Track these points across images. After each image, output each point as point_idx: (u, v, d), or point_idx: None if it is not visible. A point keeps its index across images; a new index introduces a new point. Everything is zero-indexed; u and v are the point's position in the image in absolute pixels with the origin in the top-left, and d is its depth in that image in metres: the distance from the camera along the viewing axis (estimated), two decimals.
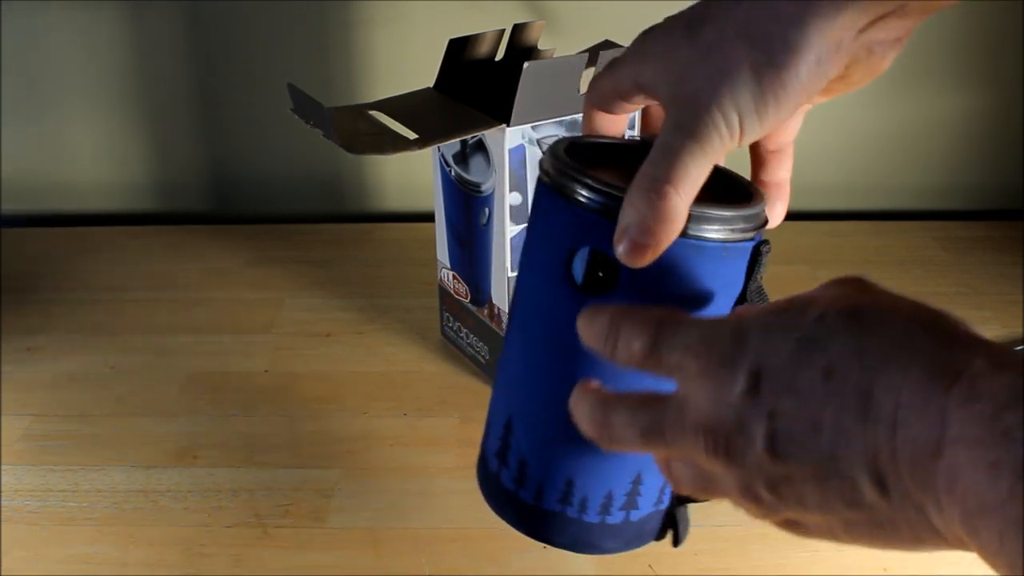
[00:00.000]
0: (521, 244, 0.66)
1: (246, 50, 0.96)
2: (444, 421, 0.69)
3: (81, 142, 1.01)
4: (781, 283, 0.97)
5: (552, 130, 0.64)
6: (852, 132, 0.98)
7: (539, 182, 0.40)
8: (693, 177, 0.34)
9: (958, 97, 0.98)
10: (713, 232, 0.36)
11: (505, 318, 0.69)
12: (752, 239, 0.38)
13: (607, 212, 0.36)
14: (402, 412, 0.70)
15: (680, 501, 0.44)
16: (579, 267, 0.39)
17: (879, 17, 0.34)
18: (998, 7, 0.94)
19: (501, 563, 0.57)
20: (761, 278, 0.39)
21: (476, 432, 0.68)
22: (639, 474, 0.41)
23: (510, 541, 0.58)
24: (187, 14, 0.95)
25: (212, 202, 1.04)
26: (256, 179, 1.03)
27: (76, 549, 0.58)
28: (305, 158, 1.01)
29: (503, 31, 0.71)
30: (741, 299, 0.39)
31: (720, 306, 0.38)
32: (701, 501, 0.42)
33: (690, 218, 0.36)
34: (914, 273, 0.88)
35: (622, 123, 0.43)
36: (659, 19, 0.38)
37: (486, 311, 0.71)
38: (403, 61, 0.96)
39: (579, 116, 0.65)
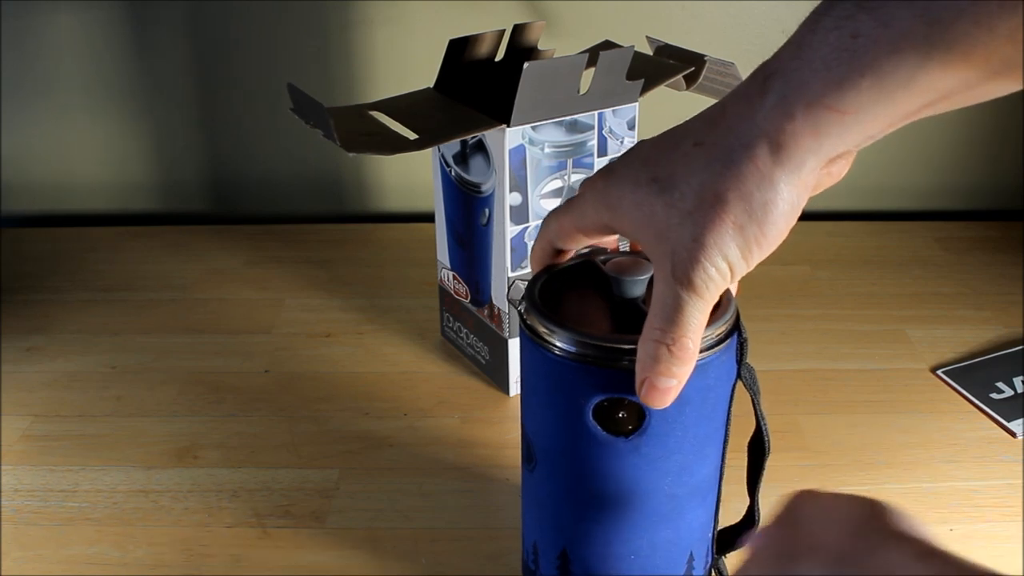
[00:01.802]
0: (521, 244, 0.66)
1: (246, 50, 0.96)
2: (444, 421, 0.69)
3: (81, 142, 1.01)
4: (782, 283, 0.97)
5: (552, 130, 0.64)
6: None
7: (536, 342, 0.43)
8: (699, 324, 0.39)
9: None
10: (714, 344, 0.42)
11: (505, 318, 0.69)
12: (738, 334, 0.43)
13: (624, 367, 0.40)
14: (402, 412, 0.70)
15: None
16: (606, 418, 0.43)
17: (839, 156, 0.38)
18: None
19: (501, 563, 0.57)
20: (746, 358, 0.44)
21: (476, 432, 0.68)
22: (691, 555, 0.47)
23: (510, 541, 0.58)
24: (187, 14, 0.95)
25: (212, 202, 1.04)
26: (256, 179, 1.03)
27: (76, 549, 0.58)
28: (305, 158, 1.01)
29: (503, 31, 0.71)
30: (735, 383, 0.45)
31: (723, 399, 0.44)
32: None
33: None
34: (914, 273, 0.88)
35: (571, 252, 0.47)
36: (658, 19, 0.39)
37: (486, 311, 0.71)
38: (403, 61, 0.96)
39: (579, 116, 0.65)
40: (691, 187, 0.37)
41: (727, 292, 0.43)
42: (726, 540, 0.50)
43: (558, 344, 0.42)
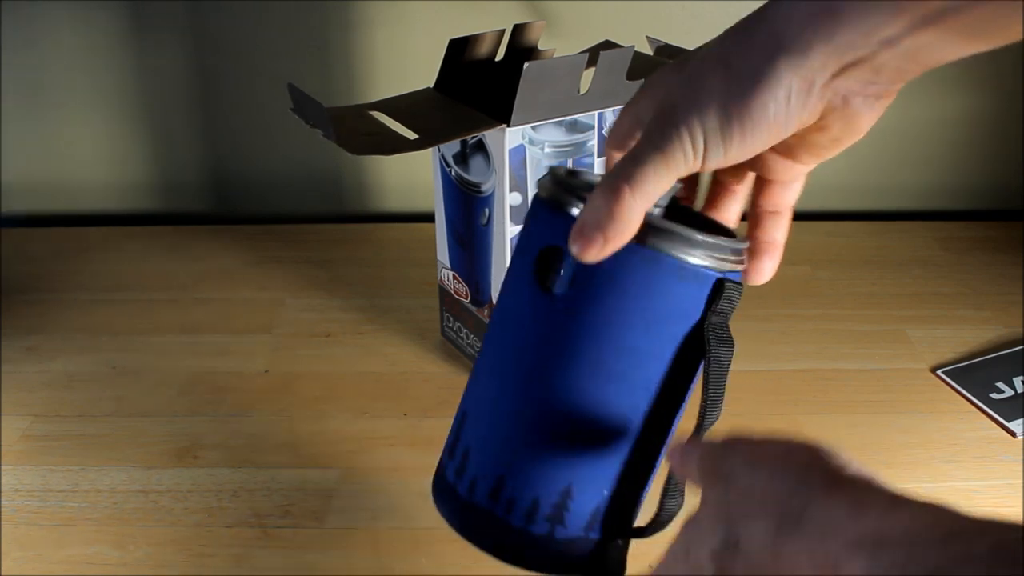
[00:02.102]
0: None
1: (246, 50, 0.96)
2: (444, 421, 0.69)
3: (81, 142, 1.01)
4: (782, 283, 0.98)
5: (552, 130, 0.64)
6: None
7: (532, 198, 0.42)
8: (651, 184, 0.36)
9: (958, 97, 0.98)
10: (674, 250, 0.38)
11: None
12: (716, 271, 0.38)
13: (574, 214, 0.38)
14: (402, 412, 0.70)
15: (616, 534, 0.43)
16: (543, 267, 0.40)
17: (851, 64, 0.35)
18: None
19: (501, 563, 0.57)
20: (724, 316, 0.39)
21: None
22: (569, 486, 0.41)
23: None
24: (187, 14, 0.95)
25: (212, 202, 1.04)
26: (256, 179, 1.03)
27: (76, 549, 0.58)
28: (305, 158, 1.01)
29: (503, 31, 0.71)
30: (696, 334, 0.39)
31: (671, 333, 0.39)
32: (647, 536, 0.42)
33: (652, 230, 0.37)
34: (914, 273, 0.88)
35: None
36: (658, 19, 0.39)
37: (486, 311, 0.71)
38: (403, 61, 0.96)
39: (579, 116, 0.65)
40: (700, 58, 0.36)
41: (738, 238, 0.40)
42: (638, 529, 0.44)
43: (541, 182, 0.41)
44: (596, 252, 0.36)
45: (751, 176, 0.43)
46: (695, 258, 0.38)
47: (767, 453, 0.34)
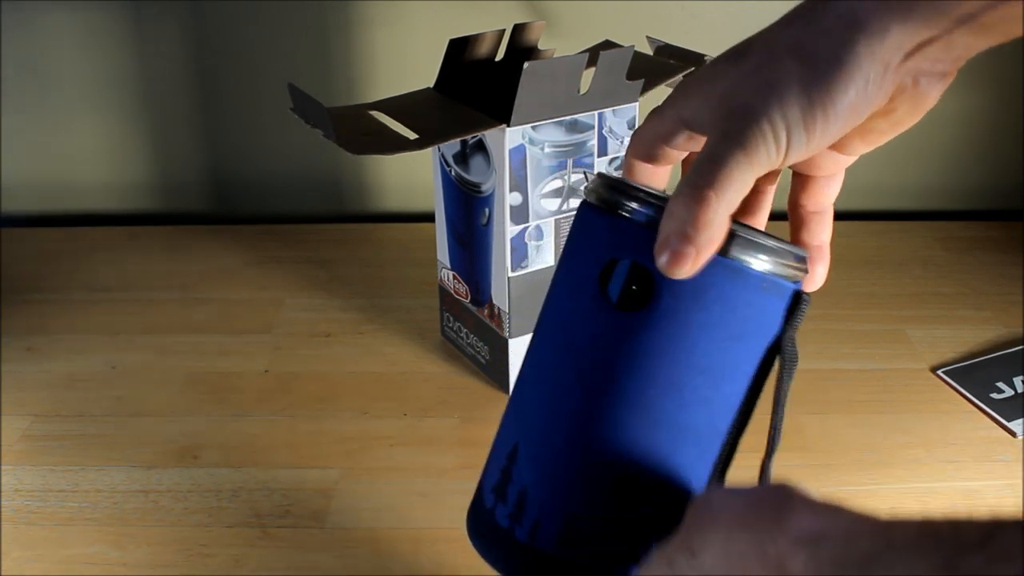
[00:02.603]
0: (521, 244, 0.66)
1: (246, 50, 0.96)
2: (444, 421, 0.69)
3: (81, 142, 1.01)
4: None
5: (552, 130, 0.64)
6: None
7: (581, 203, 0.39)
8: (736, 185, 0.33)
9: (958, 97, 0.98)
10: (756, 260, 0.35)
11: (505, 318, 0.69)
12: (793, 283, 0.37)
13: (648, 223, 0.35)
14: (402, 412, 0.70)
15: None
16: (615, 283, 0.36)
17: (925, 42, 0.34)
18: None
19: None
20: (796, 330, 0.37)
21: (476, 432, 0.68)
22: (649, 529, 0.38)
23: None
24: (187, 14, 0.95)
25: (212, 202, 1.04)
26: (256, 179, 1.03)
27: (76, 549, 0.58)
28: (305, 158, 1.01)
29: (503, 31, 0.71)
30: (775, 348, 0.37)
31: (749, 349, 0.37)
32: None
33: (735, 240, 0.35)
34: (914, 273, 0.88)
35: (664, 175, 0.41)
36: (658, 20, 0.39)
37: (486, 311, 0.71)
38: (403, 61, 0.96)
39: (579, 116, 0.65)
40: (763, 46, 0.35)
41: (802, 246, 0.38)
42: None
43: (593, 187, 0.37)
44: (688, 266, 0.33)
45: (777, 177, 0.42)
46: (776, 268, 0.36)
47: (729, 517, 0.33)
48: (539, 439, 0.38)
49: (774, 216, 0.43)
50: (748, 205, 0.42)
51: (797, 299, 0.37)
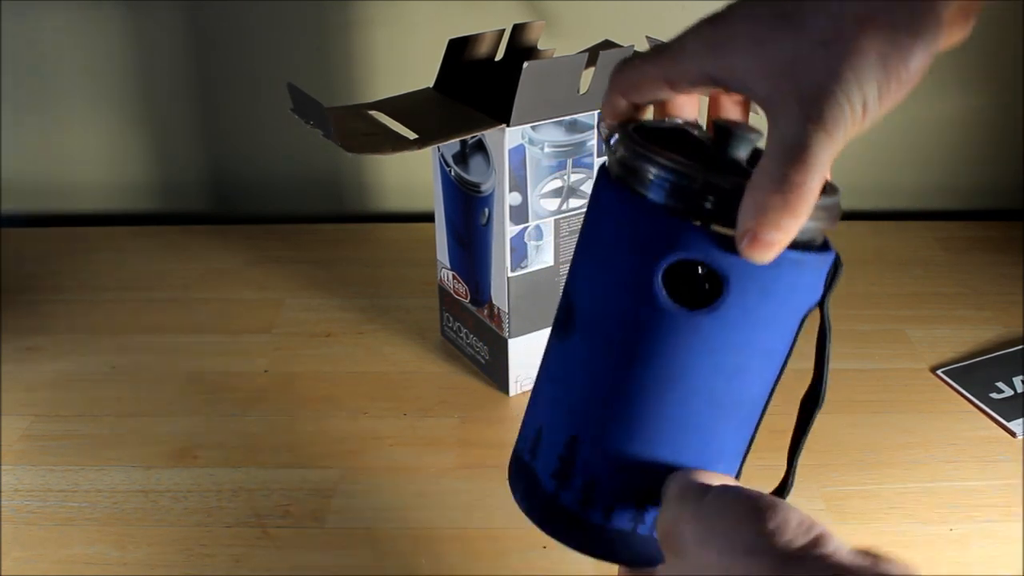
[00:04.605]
0: (521, 244, 0.66)
1: (246, 50, 0.96)
2: (444, 421, 0.69)
3: (81, 142, 1.01)
4: None
5: (552, 130, 0.64)
6: None
7: (613, 181, 0.37)
8: (823, 169, 0.33)
9: (958, 97, 0.98)
10: (813, 244, 0.35)
11: (505, 318, 0.69)
12: (831, 250, 0.37)
13: (719, 219, 0.34)
14: (402, 412, 0.70)
15: None
16: (680, 282, 0.36)
17: None
18: (998, 7, 0.94)
19: (501, 563, 0.57)
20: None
21: (476, 432, 0.68)
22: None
23: (510, 541, 0.58)
24: (187, 14, 0.95)
25: (212, 202, 1.04)
26: (256, 179, 1.03)
27: (76, 549, 0.58)
28: (305, 158, 1.01)
29: (503, 31, 0.71)
30: (814, 311, 0.38)
31: (801, 317, 0.37)
32: None
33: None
34: (914, 273, 0.88)
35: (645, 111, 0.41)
36: (658, 19, 0.38)
37: (486, 311, 0.71)
38: (403, 61, 0.96)
39: (579, 116, 0.65)
40: (828, 13, 0.33)
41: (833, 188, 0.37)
42: None
43: (634, 167, 0.36)
44: (772, 255, 0.34)
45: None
46: (822, 237, 0.36)
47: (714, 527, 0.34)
48: (606, 436, 0.39)
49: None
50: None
51: (836, 264, 0.37)
